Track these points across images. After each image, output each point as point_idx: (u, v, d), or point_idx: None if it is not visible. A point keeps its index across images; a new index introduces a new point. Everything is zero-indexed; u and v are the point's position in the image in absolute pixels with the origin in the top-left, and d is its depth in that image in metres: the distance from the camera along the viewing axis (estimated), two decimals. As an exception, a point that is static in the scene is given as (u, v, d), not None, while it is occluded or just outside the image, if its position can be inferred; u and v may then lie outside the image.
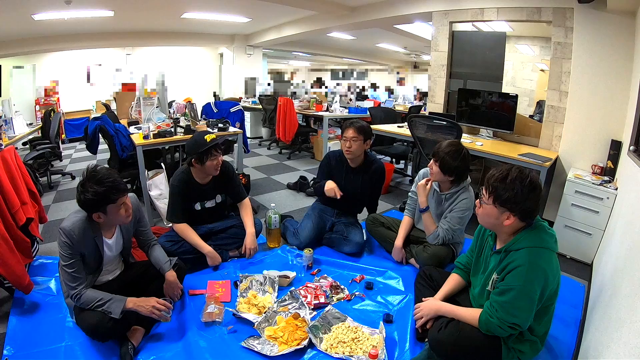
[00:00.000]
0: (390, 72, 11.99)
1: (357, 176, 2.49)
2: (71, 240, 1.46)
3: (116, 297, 1.50)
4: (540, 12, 3.09)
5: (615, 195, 2.33)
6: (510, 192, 1.24)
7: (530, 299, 1.22)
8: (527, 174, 1.26)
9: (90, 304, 1.47)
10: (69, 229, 1.46)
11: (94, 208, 1.46)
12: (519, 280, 1.23)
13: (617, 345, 1.13)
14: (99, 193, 1.42)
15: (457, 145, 2.02)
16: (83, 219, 1.51)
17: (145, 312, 1.53)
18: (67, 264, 1.48)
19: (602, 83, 2.78)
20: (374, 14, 5.02)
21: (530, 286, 1.22)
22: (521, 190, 1.23)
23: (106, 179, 1.44)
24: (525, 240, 1.28)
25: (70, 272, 1.47)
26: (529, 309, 1.24)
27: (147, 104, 3.71)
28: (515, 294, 1.23)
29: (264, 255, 2.39)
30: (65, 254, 1.47)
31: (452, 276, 1.67)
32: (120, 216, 1.52)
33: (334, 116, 5.51)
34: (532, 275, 1.22)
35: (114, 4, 4.82)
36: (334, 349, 1.55)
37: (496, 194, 1.27)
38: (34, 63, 7.00)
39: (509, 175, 1.26)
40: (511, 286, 1.24)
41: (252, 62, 8.51)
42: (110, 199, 1.45)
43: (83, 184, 1.44)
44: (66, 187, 4.11)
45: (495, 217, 1.31)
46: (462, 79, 3.97)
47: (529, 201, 1.24)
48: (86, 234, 1.50)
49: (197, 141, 2.12)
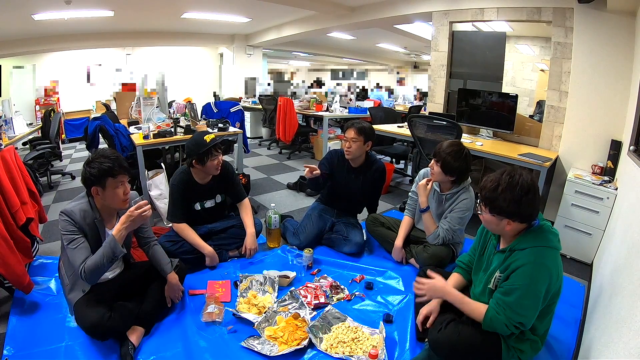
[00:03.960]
0: (390, 72, 12.00)
1: (358, 176, 2.49)
2: (72, 218, 1.50)
3: (105, 244, 1.49)
4: (540, 12, 3.10)
5: (615, 195, 2.33)
6: (504, 202, 1.24)
7: (536, 298, 1.23)
8: (517, 181, 1.23)
9: (97, 267, 1.46)
10: (70, 209, 1.52)
11: (95, 181, 1.50)
12: (524, 279, 1.23)
13: (617, 345, 1.13)
14: (103, 165, 1.49)
15: (458, 146, 2.02)
16: (83, 202, 1.57)
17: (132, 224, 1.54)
18: (70, 242, 1.48)
19: (602, 83, 2.78)
20: (374, 14, 5.03)
21: (536, 285, 1.22)
22: (513, 198, 1.23)
23: (112, 155, 1.54)
24: (529, 239, 1.28)
25: (74, 248, 1.48)
26: (534, 308, 1.24)
27: (147, 104, 3.71)
28: (521, 293, 1.22)
29: (264, 255, 2.38)
30: (67, 232, 1.49)
31: (454, 275, 1.66)
32: (117, 195, 1.55)
33: (334, 116, 5.51)
34: (537, 275, 1.22)
35: (114, 4, 4.82)
36: (334, 349, 1.55)
37: (491, 205, 1.28)
38: (34, 63, 7.01)
39: (499, 185, 1.25)
40: (517, 285, 1.24)
41: (252, 62, 8.51)
42: (111, 172, 1.50)
43: (91, 161, 1.52)
44: (66, 187, 4.11)
45: (495, 224, 1.32)
46: (462, 79, 3.97)
47: (524, 206, 1.24)
48: (87, 217, 1.54)
49: (197, 142, 2.12)
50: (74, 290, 1.58)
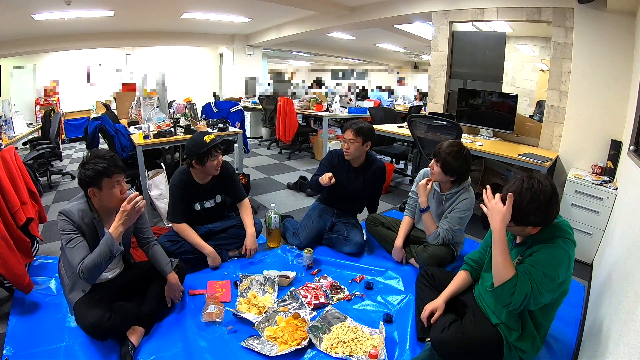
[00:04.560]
0: (390, 72, 11.99)
1: (359, 176, 2.49)
2: (70, 218, 1.50)
3: (102, 242, 1.48)
4: (540, 12, 3.10)
5: (615, 195, 2.33)
6: (529, 216, 1.26)
7: (553, 281, 1.23)
8: (539, 191, 1.23)
9: (95, 266, 1.45)
10: (68, 209, 1.52)
11: (91, 182, 1.50)
12: (546, 257, 1.24)
13: (617, 345, 1.13)
14: (98, 165, 1.48)
15: (458, 146, 2.02)
16: (81, 202, 1.57)
17: (128, 219, 1.52)
18: (69, 242, 1.48)
19: (602, 83, 2.78)
20: (374, 14, 5.03)
21: (557, 267, 1.22)
22: (539, 207, 1.24)
23: (106, 155, 1.54)
24: (551, 230, 1.31)
25: (72, 247, 1.48)
26: (551, 291, 1.25)
27: (147, 104, 3.71)
28: (544, 270, 1.22)
29: (264, 255, 2.39)
30: (66, 231, 1.49)
31: (460, 274, 1.66)
32: (114, 195, 1.55)
33: (334, 116, 5.51)
34: (559, 256, 1.24)
35: (114, 4, 4.82)
36: (334, 349, 1.55)
37: (517, 219, 1.29)
38: (34, 63, 7.01)
39: (522, 199, 1.25)
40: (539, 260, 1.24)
41: (252, 62, 8.51)
42: (106, 172, 1.49)
43: (85, 162, 1.51)
44: (66, 187, 4.11)
45: (521, 230, 1.34)
46: (462, 79, 3.97)
47: (548, 214, 1.27)
48: (85, 216, 1.54)
49: (196, 142, 2.12)
50: (74, 290, 1.58)
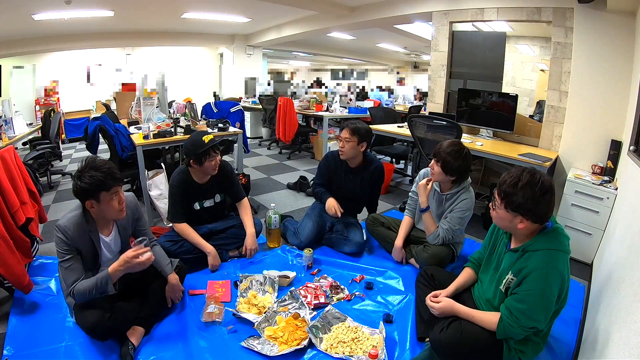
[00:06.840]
0: (390, 72, 11.99)
1: (357, 176, 2.49)
2: (66, 236, 1.47)
3: (99, 276, 1.46)
4: (540, 12, 3.10)
5: (615, 195, 2.33)
6: (522, 199, 1.24)
7: (549, 302, 1.23)
8: (539, 179, 1.24)
9: (86, 295, 1.45)
10: (64, 225, 1.48)
11: (88, 195, 1.47)
12: (538, 284, 1.23)
13: (617, 345, 1.13)
14: (95, 178, 1.43)
15: (458, 145, 2.02)
16: (78, 215, 1.53)
17: (130, 269, 1.49)
18: (63, 260, 1.48)
19: (602, 83, 2.78)
20: (374, 14, 5.03)
21: (549, 289, 1.22)
22: (532, 195, 1.23)
23: (103, 166, 1.47)
24: (543, 241, 1.29)
25: (66, 268, 1.48)
26: (547, 311, 1.25)
27: (147, 104, 3.71)
28: (535, 299, 1.23)
29: (264, 255, 2.39)
30: (61, 250, 1.48)
31: (466, 270, 1.66)
32: (112, 207, 1.52)
33: (334, 116, 5.51)
34: (551, 279, 1.22)
35: (113, 4, 4.82)
36: (334, 349, 1.55)
37: (508, 199, 1.27)
38: (34, 63, 7.01)
39: (519, 180, 1.25)
40: (531, 292, 1.24)
41: (252, 62, 8.51)
42: (104, 186, 1.46)
43: (80, 171, 1.46)
44: (66, 187, 4.10)
45: (508, 221, 1.32)
46: (462, 79, 3.97)
47: (541, 206, 1.24)
48: (81, 230, 1.51)
49: (195, 142, 2.12)
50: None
